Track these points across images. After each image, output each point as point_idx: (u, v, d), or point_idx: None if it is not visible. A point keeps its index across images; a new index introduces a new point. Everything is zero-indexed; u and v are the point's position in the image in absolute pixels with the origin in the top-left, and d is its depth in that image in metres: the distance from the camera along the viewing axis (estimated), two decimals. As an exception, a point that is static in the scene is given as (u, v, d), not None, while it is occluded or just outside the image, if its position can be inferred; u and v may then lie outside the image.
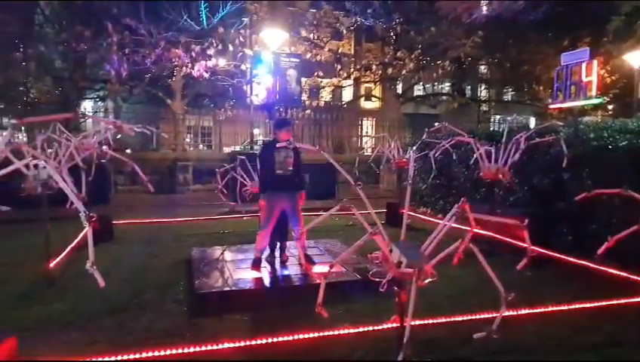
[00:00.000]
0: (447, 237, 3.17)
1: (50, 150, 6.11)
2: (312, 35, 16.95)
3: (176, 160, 14.32)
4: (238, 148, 18.85)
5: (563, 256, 6.20)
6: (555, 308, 4.37)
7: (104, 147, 6.48)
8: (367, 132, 29.31)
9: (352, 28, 15.95)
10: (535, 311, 4.30)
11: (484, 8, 7.93)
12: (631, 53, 14.53)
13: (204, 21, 14.37)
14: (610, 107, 18.53)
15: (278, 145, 5.15)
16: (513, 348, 3.65)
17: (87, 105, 23.50)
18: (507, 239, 6.13)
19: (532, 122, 28.90)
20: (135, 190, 13.73)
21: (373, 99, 27.14)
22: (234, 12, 15.37)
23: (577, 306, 4.42)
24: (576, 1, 11.52)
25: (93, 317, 4.32)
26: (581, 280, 5.43)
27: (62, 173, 5.67)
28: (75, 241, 6.63)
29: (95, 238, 7.20)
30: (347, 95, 28.47)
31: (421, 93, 25.07)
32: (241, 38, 14.51)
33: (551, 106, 8.25)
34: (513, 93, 27.36)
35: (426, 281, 3.18)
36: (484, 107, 29.22)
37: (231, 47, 14.20)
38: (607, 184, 4.62)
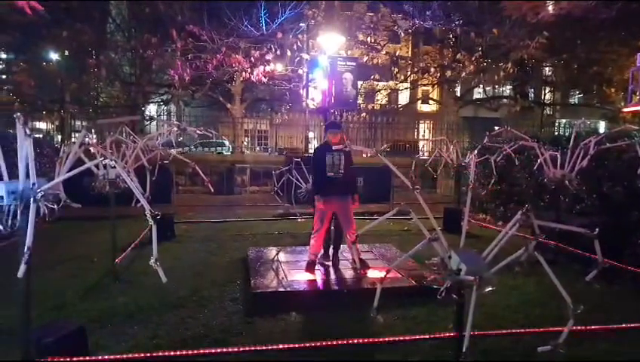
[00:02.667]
0: (510, 246, 3.03)
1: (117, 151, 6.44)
2: (369, 39, 16.89)
3: (234, 162, 14.71)
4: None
5: (638, 270, 5.77)
6: (629, 326, 4.07)
7: (171, 150, 6.73)
8: (423, 135, 28.77)
9: (410, 31, 15.70)
10: (606, 327, 4.02)
11: (551, 7, 7.53)
12: None
13: (264, 27, 14.69)
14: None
15: (334, 147, 5.15)
16: (580, 365, 3.44)
17: (152, 109, 24.72)
18: (574, 249, 5.79)
19: (601, 126, 27.22)
20: (195, 191, 14.22)
21: (430, 102, 26.63)
22: (292, 17, 15.61)
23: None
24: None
25: (155, 312, 4.50)
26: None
27: (129, 172, 5.99)
28: (139, 238, 6.96)
29: (158, 236, 7.52)
30: (403, 98, 28.11)
31: (481, 96, 24.27)
32: (299, 43, 14.69)
33: (625, 110, 7.72)
34: (580, 95, 25.94)
35: (487, 290, 3.06)
36: (549, 110, 27.89)
37: (289, 52, 14.42)
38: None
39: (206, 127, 7.68)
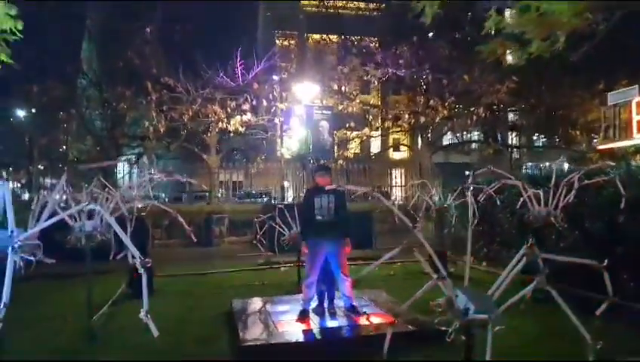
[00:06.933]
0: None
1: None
2: (343, 88, 17.31)
3: (211, 212, 14.41)
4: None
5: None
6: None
7: (149, 201, 6.52)
8: (396, 182, 29.06)
9: (382, 79, 16.18)
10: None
11: (520, 53, 7.90)
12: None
13: (240, 78, 14.90)
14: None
15: (327, 187, 5.04)
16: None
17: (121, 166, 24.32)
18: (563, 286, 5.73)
19: (565, 167, 28.18)
20: (172, 244, 13.77)
21: (402, 149, 27.16)
22: (266, 68, 15.91)
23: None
24: (614, 41, 11.41)
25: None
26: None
27: (109, 226, 5.72)
28: (116, 294, 6.58)
29: (136, 292, 7.10)
30: (375, 147, 28.66)
31: (452, 142, 24.93)
32: (274, 93, 14.90)
33: (600, 147, 7.98)
34: (545, 139, 27.00)
35: (496, 329, 2.94)
36: (516, 154, 28.77)
37: (264, 102, 14.58)
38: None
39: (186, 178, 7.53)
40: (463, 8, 13.75)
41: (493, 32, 7.75)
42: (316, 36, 22.04)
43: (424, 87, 15.74)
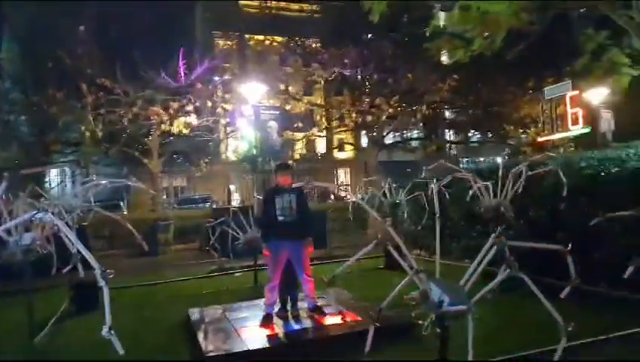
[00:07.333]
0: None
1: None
2: (289, 88, 17.18)
3: (156, 220, 13.82)
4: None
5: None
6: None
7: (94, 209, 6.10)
8: (342, 181, 29.38)
9: (329, 79, 16.21)
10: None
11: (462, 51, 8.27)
12: (591, 91, 15.32)
13: (182, 78, 14.37)
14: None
15: (290, 187, 4.91)
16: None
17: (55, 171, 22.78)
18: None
19: (499, 161, 29.97)
20: (114, 254, 13.06)
21: (347, 148, 27.48)
22: (209, 69, 15.46)
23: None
24: (543, 40, 12.12)
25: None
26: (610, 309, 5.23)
27: (48, 239, 5.29)
28: (60, 312, 6.12)
29: (79, 307, 6.63)
30: (321, 147, 28.84)
31: (396, 140, 25.51)
32: (218, 94, 14.53)
33: (539, 139, 8.41)
34: (479, 136, 28.36)
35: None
36: (454, 150, 29.95)
37: (209, 103, 14.17)
38: (604, 211, 4.60)
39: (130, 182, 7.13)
40: (405, 7, 14.11)
41: (436, 31, 7.99)
42: (259, 37, 21.77)
43: (368, 86, 15.95)
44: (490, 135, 26.57)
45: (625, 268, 4.12)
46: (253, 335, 4.76)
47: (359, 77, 16.14)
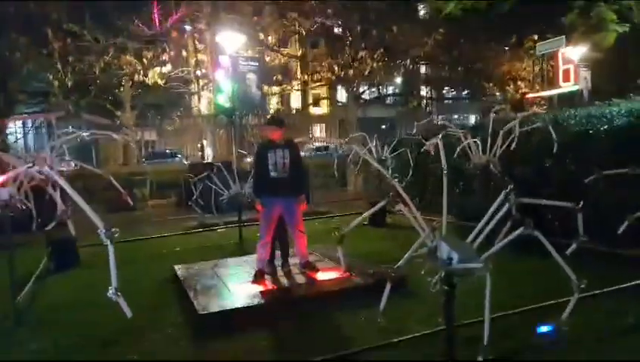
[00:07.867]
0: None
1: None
2: (269, 38, 16.51)
3: (131, 174, 13.39)
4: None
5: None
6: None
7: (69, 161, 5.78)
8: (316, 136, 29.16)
9: (311, 30, 15.56)
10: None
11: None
12: (570, 48, 15.30)
13: (157, 25, 13.56)
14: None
15: (282, 142, 4.72)
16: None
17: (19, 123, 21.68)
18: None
19: (472, 119, 30.32)
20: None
21: (322, 104, 27.12)
22: (184, 17, 14.64)
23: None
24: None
25: (85, 354, 3.72)
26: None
27: (26, 193, 5.01)
28: (39, 270, 5.91)
29: (58, 264, 6.39)
30: (295, 102, 28.36)
31: (375, 96, 25.17)
32: (194, 43, 13.85)
33: (529, 96, 8.35)
34: (454, 92, 28.41)
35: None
36: (429, 108, 29.91)
37: (184, 52, 13.51)
38: (590, 168, 4.64)
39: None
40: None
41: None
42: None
43: (350, 38, 15.45)
44: (467, 92, 26.63)
45: (615, 225, 4.19)
46: (246, 292, 4.68)
47: (341, 28, 15.60)
